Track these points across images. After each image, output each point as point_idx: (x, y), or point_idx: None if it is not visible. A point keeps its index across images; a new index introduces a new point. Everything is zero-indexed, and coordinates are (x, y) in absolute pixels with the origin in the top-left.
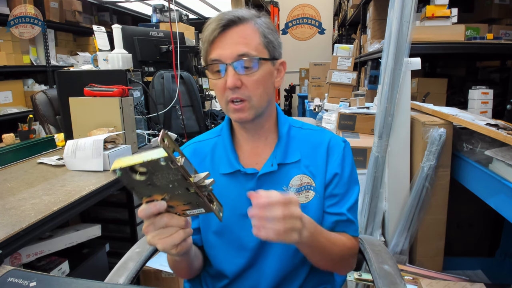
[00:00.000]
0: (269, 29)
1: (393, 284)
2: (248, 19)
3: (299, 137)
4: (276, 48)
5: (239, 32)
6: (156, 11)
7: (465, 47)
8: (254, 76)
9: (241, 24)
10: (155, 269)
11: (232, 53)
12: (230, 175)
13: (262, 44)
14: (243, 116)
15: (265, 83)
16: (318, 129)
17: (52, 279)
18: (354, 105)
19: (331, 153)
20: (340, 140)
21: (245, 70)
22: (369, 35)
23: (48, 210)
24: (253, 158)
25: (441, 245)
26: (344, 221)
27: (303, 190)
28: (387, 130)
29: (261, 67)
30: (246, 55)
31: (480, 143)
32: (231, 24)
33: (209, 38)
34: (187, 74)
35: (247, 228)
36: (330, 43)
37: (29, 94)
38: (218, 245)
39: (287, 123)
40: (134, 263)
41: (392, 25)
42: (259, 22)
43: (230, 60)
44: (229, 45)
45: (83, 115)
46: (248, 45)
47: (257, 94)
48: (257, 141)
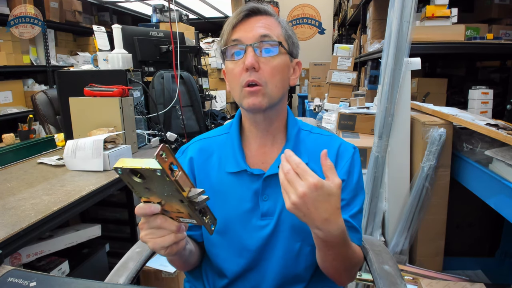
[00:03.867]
0: (290, 29)
1: (394, 285)
2: (272, 13)
3: (307, 140)
4: (295, 45)
5: (262, 20)
6: (156, 11)
7: (465, 47)
8: (273, 61)
9: (265, 15)
10: (155, 269)
11: (255, 35)
12: (236, 174)
13: (283, 36)
14: (256, 101)
15: (282, 73)
16: (327, 134)
17: (52, 279)
18: (354, 105)
19: (339, 160)
20: (350, 147)
21: (264, 53)
22: (369, 35)
23: (48, 210)
24: (260, 157)
25: (441, 245)
26: (349, 228)
27: None
28: (387, 130)
29: (280, 55)
30: (268, 36)
31: (480, 143)
32: (256, 12)
33: (233, 21)
34: (187, 74)
35: (249, 229)
36: (330, 43)
37: (29, 94)
38: (219, 244)
39: (297, 126)
40: (134, 263)
41: (392, 25)
42: (282, 20)
43: (251, 41)
44: (251, 27)
45: (83, 115)
46: (272, 30)
47: (273, 81)
48: (265, 139)
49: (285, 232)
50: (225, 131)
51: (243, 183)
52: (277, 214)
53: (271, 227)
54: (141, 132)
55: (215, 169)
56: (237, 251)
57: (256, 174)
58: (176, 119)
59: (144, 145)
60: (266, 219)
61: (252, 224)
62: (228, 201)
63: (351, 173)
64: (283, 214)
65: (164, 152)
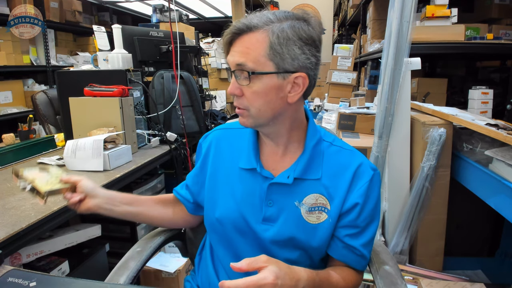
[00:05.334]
0: (285, 39)
1: (394, 285)
2: (258, 27)
3: (327, 153)
4: (288, 60)
5: (245, 41)
6: (156, 11)
7: (465, 47)
8: (251, 87)
9: (249, 32)
10: (155, 269)
11: (233, 62)
12: (247, 171)
13: (266, 56)
14: (242, 121)
15: (266, 96)
16: (349, 148)
17: (52, 279)
18: (354, 105)
19: (357, 180)
20: (370, 168)
21: (243, 81)
22: (369, 35)
23: (48, 210)
24: (271, 162)
25: (441, 245)
26: (357, 256)
27: (315, 210)
28: (387, 130)
29: (259, 80)
30: (242, 65)
31: (480, 143)
32: (240, 32)
33: (223, 43)
34: (187, 74)
35: (249, 228)
36: (330, 43)
37: (29, 94)
38: (219, 231)
39: (317, 136)
40: (135, 263)
41: (392, 25)
42: (274, 30)
43: (233, 68)
44: (234, 52)
45: (83, 115)
46: (248, 55)
47: (255, 106)
48: (276, 148)
49: (284, 242)
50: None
51: (251, 181)
52: (280, 222)
53: (270, 233)
54: (141, 132)
55: (228, 161)
56: (231, 245)
57: (264, 176)
58: (176, 119)
59: (144, 145)
60: (267, 224)
61: (252, 224)
62: (234, 194)
63: (368, 198)
64: (286, 224)
65: (19, 173)
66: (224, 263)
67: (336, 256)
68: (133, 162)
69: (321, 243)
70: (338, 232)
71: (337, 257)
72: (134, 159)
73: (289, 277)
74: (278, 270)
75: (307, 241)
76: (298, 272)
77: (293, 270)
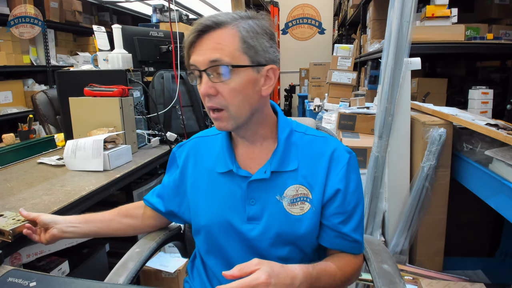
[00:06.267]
0: (254, 32)
1: (392, 284)
2: (226, 23)
3: (300, 143)
4: (261, 53)
5: (214, 37)
6: (156, 11)
7: (465, 47)
8: (229, 84)
9: (218, 29)
10: (155, 269)
11: (205, 60)
12: (225, 174)
13: (241, 50)
14: (222, 125)
15: (244, 91)
16: (322, 135)
17: (52, 279)
18: (354, 105)
19: (333, 165)
20: (345, 151)
21: (218, 78)
22: (369, 35)
23: (48, 210)
24: (248, 161)
25: (441, 245)
26: (350, 242)
27: (297, 201)
28: (387, 130)
29: (237, 75)
30: (218, 61)
31: (480, 143)
32: (207, 29)
33: (187, 42)
34: None
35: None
36: (330, 43)
37: (29, 94)
38: (207, 239)
39: (288, 128)
40: (134, 263)
41: (392, 25)
42: (243, 26)
43: (204, 67)
44: (203, 50)
45: (83, 115)
46: (222, 50)
47: (235, 103)
48: (253, 146)
49: (272, 239)
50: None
51: (231, 183)
52: (265, 219)
53: (257, 232)
54: (141, 132)
55: (207, 168)
56: (224, 251)
57: (242, 176)
58: (176, 119)
59: (144, 145)
60: (253, 223)
61: (238, 226)
62: (215, 200)
63: (348, 181)
64: (271, 220)
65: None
66: (217, 273)
67: (331, 245)
68: (133, 162)
69: (308, 233)
70: (328, 221)
71: (331, 247)
72: (134, 159)
73: (283, 275)
74: (271, 270)
75: (294, 233)
76: (293, 269)
77: (287, 268)
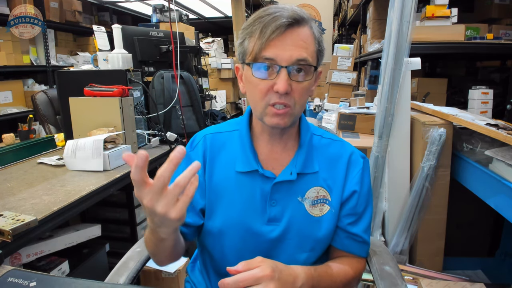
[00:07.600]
0: (321, 36)
1: (394, 285)
2: (307, 21)
3: (319, 146)
4: (322, 54)
5: (300, 34)
6: (156, 11)
7: (465, 47)
8: (304, 83)
9: (302, 25)
10: (155, 269)
11: (292, 56)
12: (246, 174)
13: (315, 52)
14: (281, 122)
15: (308, 92)
16: (338, 139)
17: (52, 279)
18: (354, 105)
19: (351, 169)
20: (360, 156)
21: (299, 77)
22: (369, 35)
23: (48, 210)
24: (270, 161)
25: (441, 245)
26: (359, 243)
27: (318, 203)
28: (387, 130)
29: (311, 76)
30: (305, 61)
31: (480, 143)
32: (294, 24)
33: (269, 34)
34: (187, 74)
35: (254, 232)
36: (330, 43)
37: (29, 94)
38: (221, 244)
39: (310, 131)
40: (135, 263)
41: (392, 25)
42: (314, 27)
43: (287, 63)
44: (289, 46)
45: (83, 115)
46: (307, 50)
47: (301, 102)
48: (276, 145)
49: (292, 240)
50: (234, 127)
51: (253, 183)
52: (285, 220)
53: (277, 233)
54: (141, 132)
55: (222, 166)
56: (239, 254)
57: (267, 177)
58: (176, 119)
59: (144, 145)
60: (273, 224)
61: (257, 227)
62: (234, 201)
63: (363, 184)
64: (291, 221)
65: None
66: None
67: (340, 246)
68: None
69: (327, 234)
70: (341, 222)
71: (340, 247)
72: None
73: (286, 273)
74: (275, 266)
75: (313, 235)
76: (295, 269)
77: (290, 268)
